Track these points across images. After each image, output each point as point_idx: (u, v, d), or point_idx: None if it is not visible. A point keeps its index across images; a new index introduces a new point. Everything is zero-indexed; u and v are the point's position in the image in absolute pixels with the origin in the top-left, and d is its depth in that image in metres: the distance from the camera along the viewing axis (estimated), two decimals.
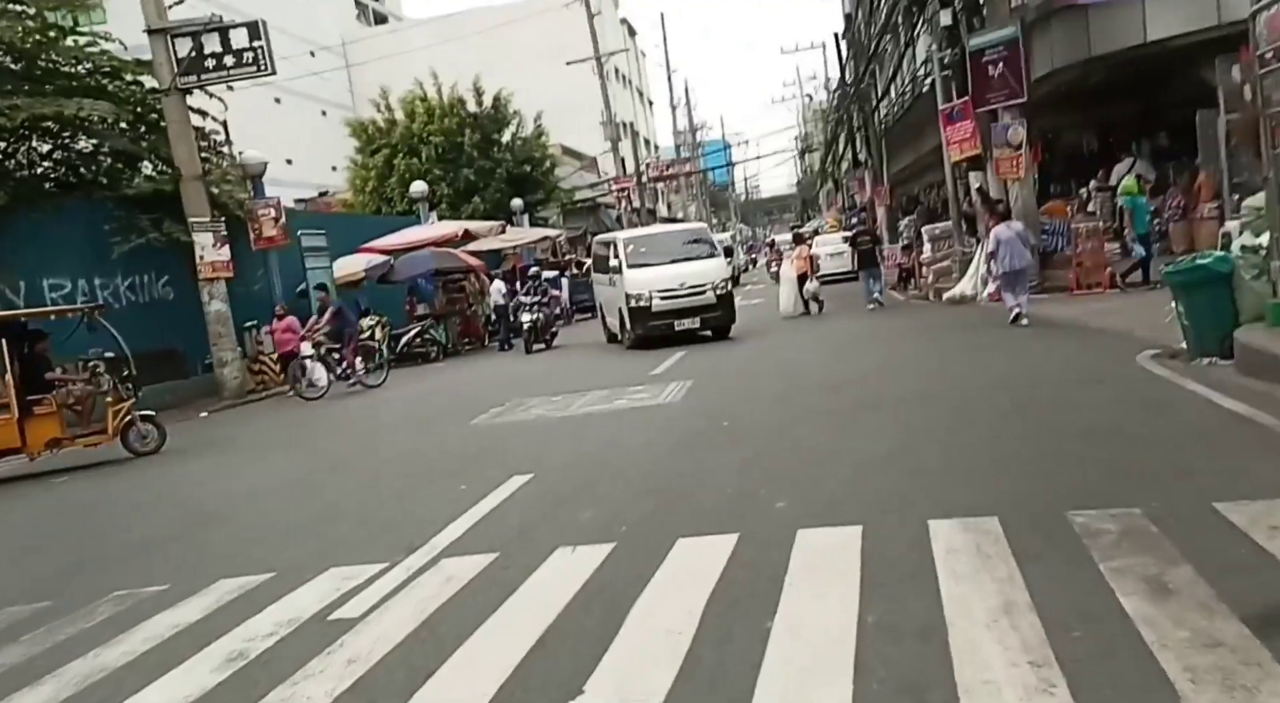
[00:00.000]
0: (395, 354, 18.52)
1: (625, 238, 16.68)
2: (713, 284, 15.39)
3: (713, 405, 9.04)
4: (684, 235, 17.37)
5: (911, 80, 30.21)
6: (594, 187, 41.57)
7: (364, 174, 31.06)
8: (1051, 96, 19.53)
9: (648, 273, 15.37)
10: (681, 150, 63.23)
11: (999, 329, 12.63)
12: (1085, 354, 9.58)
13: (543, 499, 6.03)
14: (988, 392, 7.94)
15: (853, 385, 9.19)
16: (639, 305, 15.19)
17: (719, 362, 12.76)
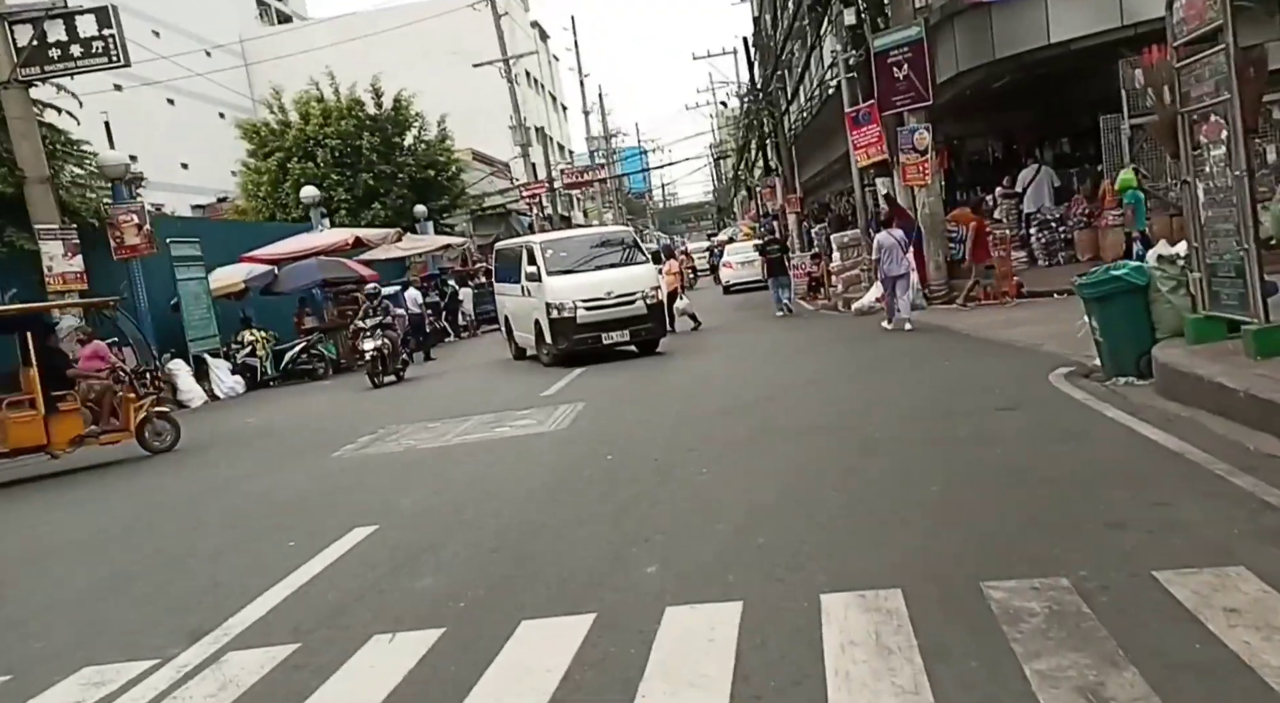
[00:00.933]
0: (279, 371, 17.19)
1: (543, 241, 15.01)
2: (643, 293, 13.88)
3: (599, 433, 8.17)
4: (607, 239, 15.66)
5: (819, 84, 29.94)
6: (504, 193, 40.36)
7: (256, 178, 29.36)
8: (956, 101, 19.28)
9: (570, 280, 13.73)
10: (596, 156, 62.37)
11: (906, 342, 12.12)
12: (997, 372, 9.01)
13: (378, 562, 5.05)
14: (893, 420, 7.25)
15: (752, 410, 8.43)
16: (561, 317, 13.52)
17: (614, 381, 11.90)
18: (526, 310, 14.54)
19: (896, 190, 17.95)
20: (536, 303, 13.93)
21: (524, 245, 15.08)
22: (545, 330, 13.80)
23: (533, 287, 14.02)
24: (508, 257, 16.33)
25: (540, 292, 13.75)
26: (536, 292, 13.89)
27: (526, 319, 14.60)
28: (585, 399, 10.25)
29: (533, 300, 14.11)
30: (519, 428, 8.97)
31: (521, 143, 40.06)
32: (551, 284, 13.68)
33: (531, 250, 14.36)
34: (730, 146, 60.53)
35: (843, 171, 27.67)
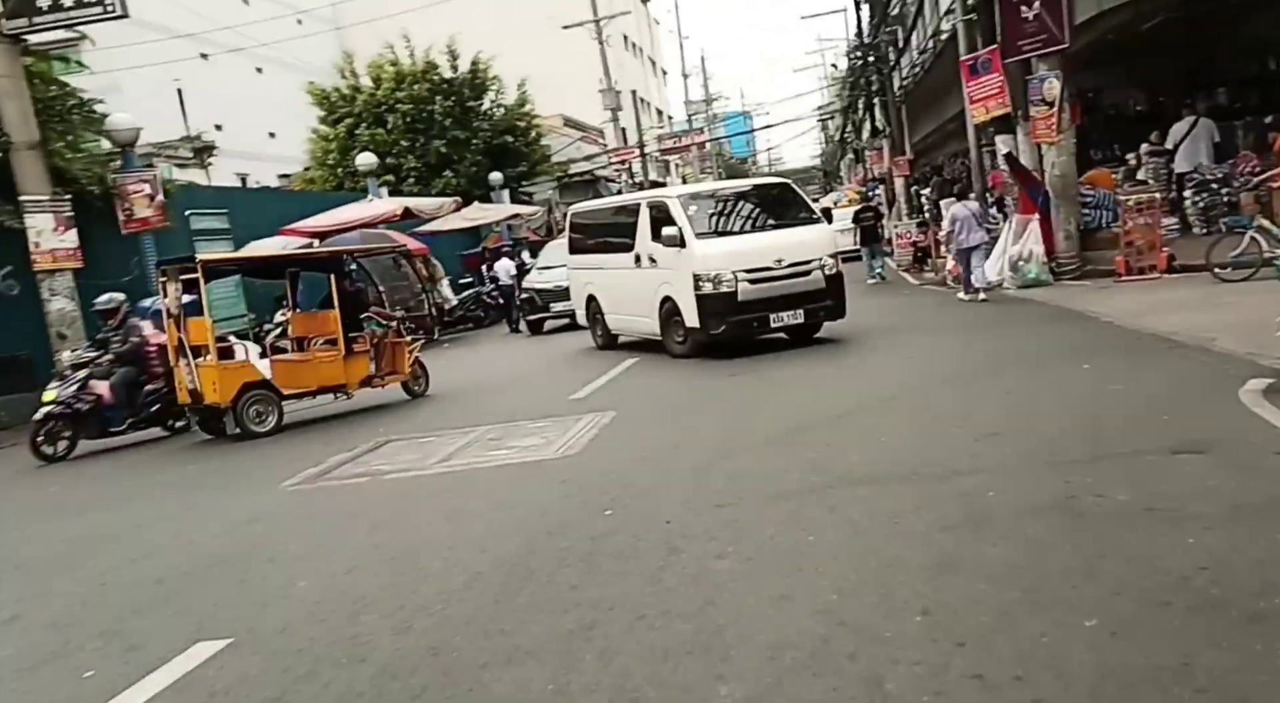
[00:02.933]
0: None
1: (681, 195, 11.53)
2: (820, 261, 10.65)
3: (612, 466, 6.18)
4: (763, 191, 12.30)
5: (933, 35, 26.91)
6: (591, 159, 38.45)
7: (325, 145, 28.24)
8: (1092, 48, 16.36)
9: (725, 245, 10.58)
10: (694, 121, 59.88)
11: (1027, 332, 9.69)
12: (1160, 383, 6.61)
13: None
14: (1012, 465, 5.02)
15: (815, 435, 6.29)
16: (716, 292, 10.25)
17: (661, 380, 9.90)
18: (642, 287, 11.42)
19: (1019, 149, 15.26)
20: (668, 276, 10.85)
21: (641, 204, 11.75)
22: (687, 311, 10.59)
23: (666, 255, 10.78)
24: (596, 222, 13.41)
25: (682, 260, 10.52)
26: (672, 261, 10.69)
27: (640, 298, 11.52)
28: (618, 406, 8.27)
29: (657, 273, 11.07)
30: (522, 450, 7.05)
31: (611, 107, 38.10)
32: (701, 250, 10.42)
33: (664, 207, 10.99)
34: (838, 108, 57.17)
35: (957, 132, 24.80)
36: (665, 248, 10.75)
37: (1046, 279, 13.46)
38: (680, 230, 10.56)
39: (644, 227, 11.34)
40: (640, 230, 11.43)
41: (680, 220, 10.67)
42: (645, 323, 11.70)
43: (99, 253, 13.42)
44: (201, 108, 39.35)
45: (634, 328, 12.30)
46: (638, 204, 11.88)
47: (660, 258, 11.00)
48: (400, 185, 26.96)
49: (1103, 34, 15.59)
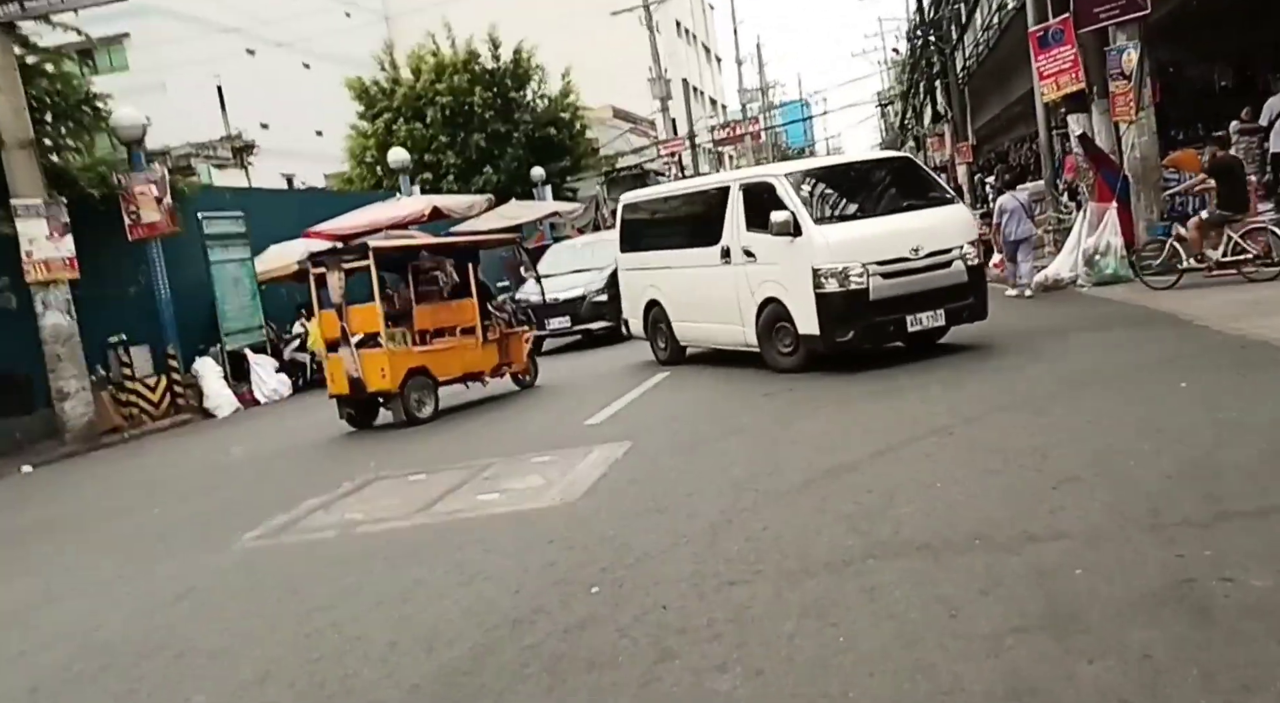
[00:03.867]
0: None
1: (791, 173, 9.47)
2: (961, 249, 8.91)
3: (614, 519, 5.24)
4: (878, 167, 10.39)
5: (997, 9, 25.38)
6: (639, 151, 37.45)
7: (363, 142, 27.71)
8: (1174, 17, 14.94)
9: (849, 232, 8.76)
10: (748, 109, 58.46)
11: (1109, 337, 8.51)
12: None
13: None
14: (1099, 525, 3.94)
15: (854, 479, 5.24)
16: (843, 290, 8.47)
17: (690, 401, 8.93)
18: (730, 287, 9.62)
19: (1094, 130, 13.94)
20: (772, 273, 9.06)
21: (730, 187, 9.81)
22: (802, 315, 8.75)
23: (771, 247, 8.95)
24: (658, 213, 11.49)
25: (795, 253, 8.70)
26: (779, 254, 8.87)
27: (726, 301, 9.74)
28: (636, 435, 7.33)
29: (755, 270, 9.27)
30: (517, 495, 6.15)
31: (661, 96, 37.06)
32: (823, 238, 8.59)
33: (767, 189, 9.14)
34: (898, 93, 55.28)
35: (1024, 115, 23.38)
36: (770, 238, 8.84)
37: (1126, 275, 12.18)
38: (793, 215, 8.66)
39: (735, 214, 9.48)
40: (730, 219, 9.55)
41: (792, 203, 8.77)
42: (732, 332, 9.82)
43: (102, 262, 12.79)
44: (247, 106, 39.13)
45: (714, 338, 10.46)
46: (723, 187, 10.04)
47: (761, 251, 9.14)
48: (439, 183, 26.31)
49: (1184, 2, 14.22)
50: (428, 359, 9.99)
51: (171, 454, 11.29)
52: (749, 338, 9.60)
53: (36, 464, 11.39)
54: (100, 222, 12.84)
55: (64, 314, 12.01)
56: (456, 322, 10.57)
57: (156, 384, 13.44)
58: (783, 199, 8.93)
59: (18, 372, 12.21)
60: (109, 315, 13.14)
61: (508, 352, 10.84)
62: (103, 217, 12.96)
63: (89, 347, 12.53)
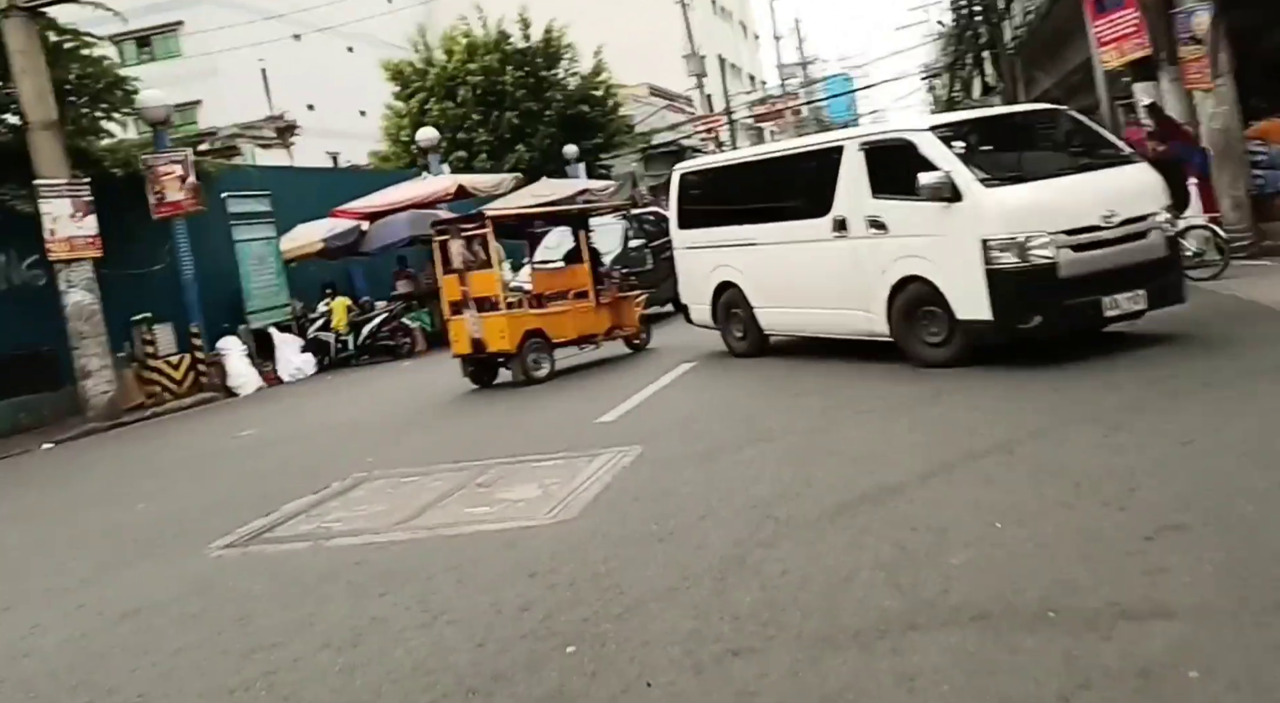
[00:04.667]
0: (358, 348, 14.46)
1: (939, 126, 7.84)
2: (1157, 216, 7.24)
3: (607, 552, 4.39)
4: (1035, 122, 8.88)
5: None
6: (675, 128, 36.38)
7: (397, 121, 27.10)
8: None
9: (1030, 194, 7.08)
10: (787, 85, 56.88)
11: (1194, 331, 7.37)
12: None
13: None
14: (1225, 603, 3.01)
15: (901, 510, 4.34)
16: (1025, 265, 6.81)
17: (711, 397, 8.03)
18: (849, 264, 8.01)
19: (1164, 100, 12.67)
20: (913, 246, 7.46)
21: (844, 146, 8.15)
22: (964, 296, 7.10)
23: (912, 215, 7.39)
24: (733, 182, 9.89)
25: (954, 221, 7.07)
26: (927, 223, 7.27)
27: (841, 282, 8.11)
28: (649, 438, 6.48)
29: (885, 243, 7.67)
30: (509, 507, 5.36)
31: (696, 73, 35.95)
32: (996, 203, 6.98)
33: (907, 147, 7.50)
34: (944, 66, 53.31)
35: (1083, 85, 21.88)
36: (911, 205, 7.30)
37: (1213, 257, 10.96)
38: (950, 176, 7.03)
39: (854, 178, 7.90)
40: (846, 184, 7.98)
41: (947, 162, 7.14)
42: (847, 319, 8.19)
43: (127, 242, 12.49)
44: (294, 89, 39.06)
45: (818, 326, 8.80)
46: (833, 147, 8.35)
47: (897, 220, 7.56)
48: (472, 161, 25.64)
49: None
50: (544, 322, 10.25)
51: (186, 435, 10.92)
52: (874, 326, 7.90)
53: (59, 441, 11.23)
54: (125, 201, 12.73)
55: (87, 292, 11.76)
56: (570, 286, 10.83)
57: (179, 363, 13.21)
58: (931, 158, 7.24)
59: (45, 348, 12.11)
60: (134, 294, 12.99)
61: (620, 315, 11.01)
62: (128, 196, 12.83)
63: (113, 325, 12.35)
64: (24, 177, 11.37)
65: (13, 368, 11.72)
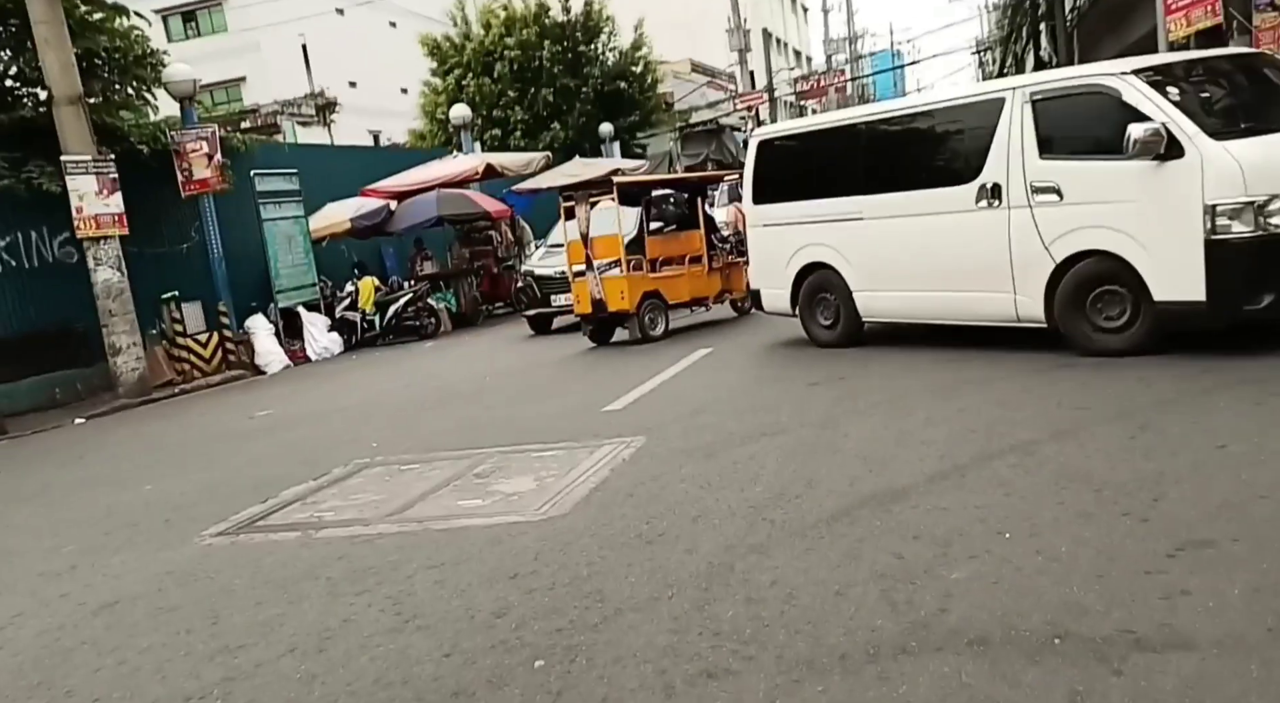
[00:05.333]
0: (384, 328, 14.37)
1: (1143, 69, 6.54)
2: None
3: (592, 554, 4.17)
4: (1248, 67, 7.32)
5: None
6: (714, 106, 35.81)
7: (434, 98, 26.93)
8: None
9: (1261, 149, 5.99)
10: (833, 61, 55.74)
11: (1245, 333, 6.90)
12: None
13: None
14: (1261, 638, 2.71)
15: (907, 516, 4.04)
16: (1266, 234, 5.81)
17: (721, 387, 7.68)
18: (995, 239, 7.00)
19: None
20: (1098, 214, 6.43)
21: (1006, 97, 7.00)
22: (1168, 272, 6.14)
23: (1112, 178, 6.33)
24: (830, 147, 8.58)
25: (1171, 181, 6.04)
26: (1131, 187, 6.23)
27: (980, 258, 7.12)
28: (654, 428, 6.24)
29: (1056, 213, 6.65)
30: (502, 500, 5.15)
31: (739, 47, 35.22)
32: (1230, 160, 5.88)
33: (1103, 96, 6.42)
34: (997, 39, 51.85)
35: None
36: (1103, 166, 6.37)
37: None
38: (1164, 127, 5.97)
39: (1016, 137, 6.86)
40: (1004, 144, 6.92)
41: (1161, 110, 6.07)
42: (988, 302, 7.17)
43: (156, 219, 12.55)
44: (336, 65, 39.05)
45: (941, 311, 7.67)
46: (988, 100, 7.17)
47: (1078, 185, 6.55)
48: (506, 139, 25.45)
49: None
50: (660, 284, 10.91)
51: (209, 413, 10.89)
52: (1025, 310, 6.96)
53: (90, 416, 11.32)
54: (154, 179, 12.70)
55: (115, 270, 11.73)
56: (685, 251, 11.37)
57: (208, 341, 13.24)
58: (1139, 106, 6.17)
59: (78, 325, 12.16)
60: (163, 272, 13.05)
61: (730, 280, 11.57)
62: (156, 173, 12.78)
63: (143, 303, 12.36)
64: (51, 153, 11.32)
65: (47, 344, 11.84)
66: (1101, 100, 6.46)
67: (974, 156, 7.15)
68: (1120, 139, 6.10)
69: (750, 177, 9.20)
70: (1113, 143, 6.21)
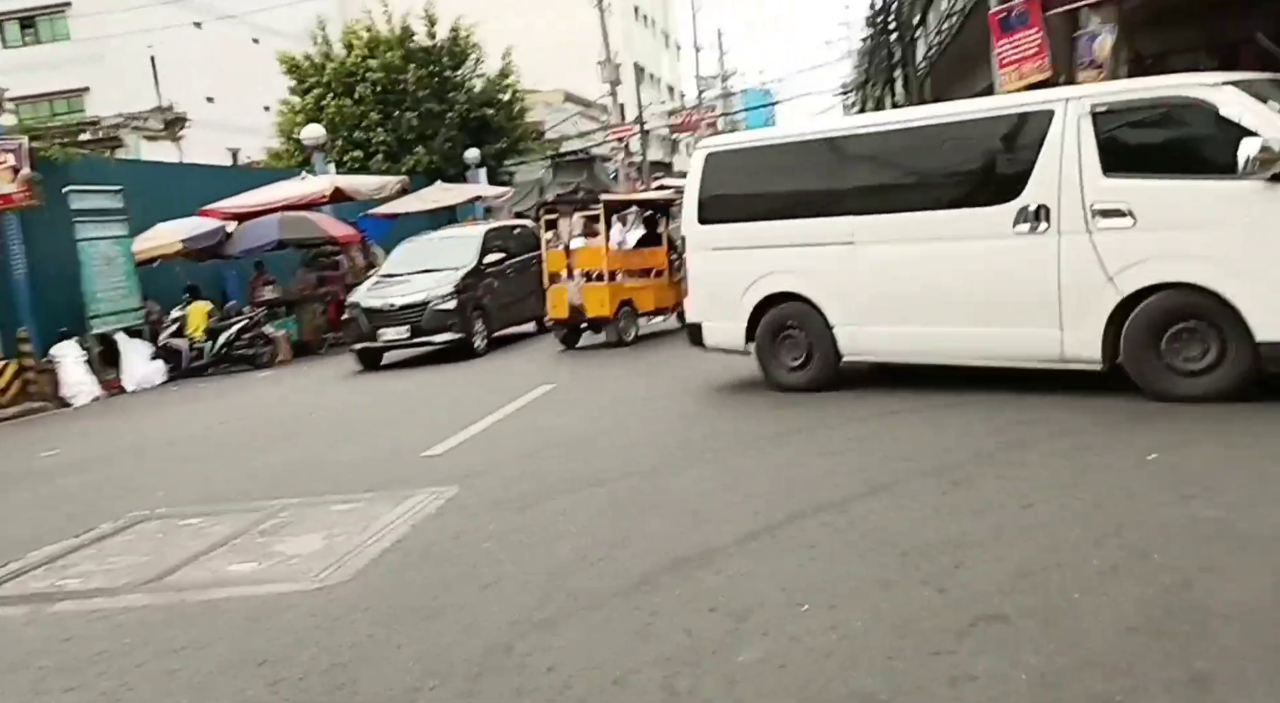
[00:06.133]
0: (214, 356, 13.41)
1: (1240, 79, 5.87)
2: None
3: (363, 633, 3.71)
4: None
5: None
6: (585, 136, 35.77)
7: (292, 118, 25.84)
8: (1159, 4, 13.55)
9: None
10: (705, 97, 56.86)
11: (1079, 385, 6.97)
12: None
13: None
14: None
15: (718, 577, 3.74)
16: None
17: (565, 428, 7.24)
18: (1042, 268, 6.09)
19: None
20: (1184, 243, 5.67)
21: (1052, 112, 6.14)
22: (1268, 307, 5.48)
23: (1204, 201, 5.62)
24: (797, 165, 7.47)
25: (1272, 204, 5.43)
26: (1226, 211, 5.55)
27: (1015, 292, 6.24)
28: (473, 476, 5.79)
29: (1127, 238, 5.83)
30: (280, 565, 4.62)
31: (610, 80, 35.32)
32: None
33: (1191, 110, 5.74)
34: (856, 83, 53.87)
35: None
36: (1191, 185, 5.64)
37: None
38: (1274, 143, 5.27)
39: (1072, 153, 5.98)
40: (1054, 160, 6.04)
41: (1273, 125, 5.38)
42: (1023, 340, 6.26)
43: None
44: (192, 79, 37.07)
45: (960, 350, 6.61)
46: (1034, 112, 6.27)
47: (1152, 208, 5.75)
48: (368, 161, 24.63)
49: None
50: (633, 293, 11.62)
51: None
52: (1078, 349, 6.04)
53: None
54: None
55: None
56: (651, 265, 12.15)
57: (4, 370, 11.88)
58: (1239, 121, 5.42)
59: None
60: None
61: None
62: None
63: None
64: None
65: None
66: (1191, 113, 5.72)
67: (1011, 175, 6.25)
68: (1217, 157, 5.44)
69: (695, 194, 7.77)
70: (1206, 161, 5.59)
